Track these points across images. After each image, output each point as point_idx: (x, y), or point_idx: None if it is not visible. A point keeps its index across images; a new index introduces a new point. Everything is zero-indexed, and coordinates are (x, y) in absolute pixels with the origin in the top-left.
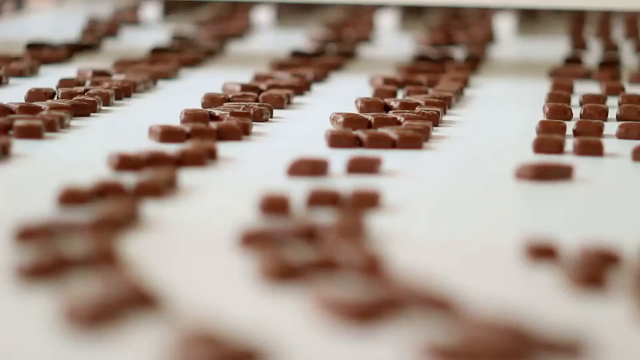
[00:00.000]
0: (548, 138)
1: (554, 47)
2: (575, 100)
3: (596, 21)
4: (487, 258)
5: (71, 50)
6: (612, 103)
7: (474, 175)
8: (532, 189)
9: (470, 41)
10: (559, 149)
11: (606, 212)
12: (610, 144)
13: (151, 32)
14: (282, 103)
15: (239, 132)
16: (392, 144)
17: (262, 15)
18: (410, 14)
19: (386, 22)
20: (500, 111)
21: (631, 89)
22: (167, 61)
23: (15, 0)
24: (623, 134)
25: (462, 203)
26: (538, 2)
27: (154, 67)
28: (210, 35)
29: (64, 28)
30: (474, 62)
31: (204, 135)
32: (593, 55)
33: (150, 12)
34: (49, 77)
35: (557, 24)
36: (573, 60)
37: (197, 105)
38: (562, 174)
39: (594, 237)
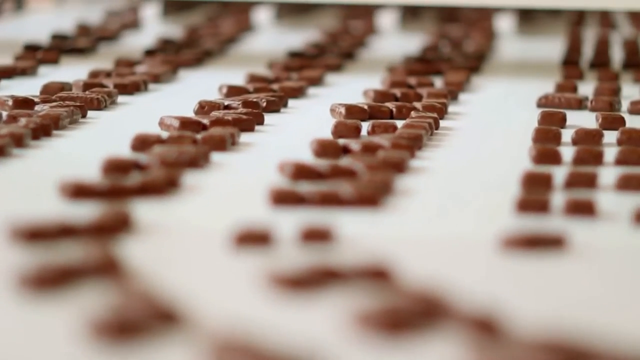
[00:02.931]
0: (532, 199)
1: (552, 48)
2: (567, 134)
3: (593, 47)
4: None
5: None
6: (610, 138)
7: (441, 246)
8: (515, 266)
9: (454, 66)
10: (544, 209)
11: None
12: (607, 198)
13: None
14: (224, 146)
15: (165, 189)
16: (345, 203)
17: (262, 16)
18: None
19: (385, 23)
20: (483, 143)
21: (632, 121)
22: (103, 87)
23: (15, 0)
24: (622, 186)
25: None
26: (538, 2)
27: (86, 95)
28: (160, 60)
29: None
30: (457, 86)
31: (122, 195)
32: (589, 82)
33: (150, 12)
34: None
35: (557, 25)
36: (566, 87)
37: (127, 145)
38: (552, 244)
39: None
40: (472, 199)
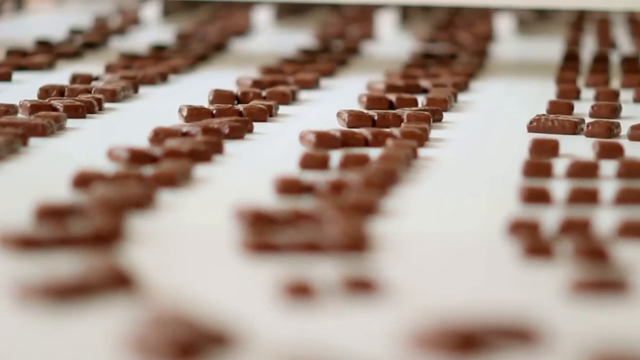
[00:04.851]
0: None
1: (552, 48)
2: (561, 162)
3: (591, 64)
4: None
5: None
6: (609, 168)
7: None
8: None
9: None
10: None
11: None
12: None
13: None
14: (174, 183)
15: (110, 239)
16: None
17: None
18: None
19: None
20: (465, 177)
21: (631, 148)
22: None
23: (15, 0)
24: (625, 233)
25: None
26: (538, 2)
27: (30, 121)
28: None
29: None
30: (441, 104)
31: (61, 243)
32: (586, 101)
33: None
34: None
35: (557, 25)
36: (560, 107)
37: (68, 182)
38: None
39: None
40: (451, 246)
